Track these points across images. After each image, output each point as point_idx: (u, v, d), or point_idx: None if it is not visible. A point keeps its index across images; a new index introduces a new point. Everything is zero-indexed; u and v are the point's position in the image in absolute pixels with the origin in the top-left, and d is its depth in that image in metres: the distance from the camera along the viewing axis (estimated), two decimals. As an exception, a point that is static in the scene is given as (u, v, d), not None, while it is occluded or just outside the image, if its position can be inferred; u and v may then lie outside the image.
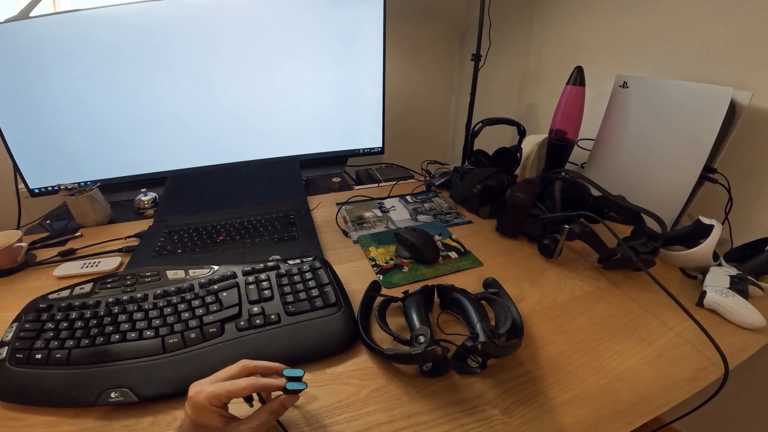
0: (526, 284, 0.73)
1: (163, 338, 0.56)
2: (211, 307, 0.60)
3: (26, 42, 0.98)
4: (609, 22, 1.11)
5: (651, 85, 0.89)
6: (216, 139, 1.20)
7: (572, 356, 0.57)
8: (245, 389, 0.40)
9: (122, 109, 1.10)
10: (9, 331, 0.59)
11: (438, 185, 1.16)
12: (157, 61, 1.07)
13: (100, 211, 1.00)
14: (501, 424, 0.48)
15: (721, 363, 0.54)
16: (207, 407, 0.39)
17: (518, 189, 0.83)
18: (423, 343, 0.50)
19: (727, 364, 0.54)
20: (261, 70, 1.16)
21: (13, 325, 0.60)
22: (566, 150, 1.04)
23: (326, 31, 1.16)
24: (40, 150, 1.08)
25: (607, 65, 1.12)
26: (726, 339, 0.59)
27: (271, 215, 0.96)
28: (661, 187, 0.88)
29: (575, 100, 0.98)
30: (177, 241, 0.86)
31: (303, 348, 0.57)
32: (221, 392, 0.39)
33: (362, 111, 1.30)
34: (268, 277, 0.66)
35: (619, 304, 0.68)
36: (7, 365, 0.54)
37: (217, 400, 0.39)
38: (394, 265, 0.79)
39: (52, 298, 0.64)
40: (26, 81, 1.01)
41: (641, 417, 0.49)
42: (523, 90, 1.51)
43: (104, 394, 0.50)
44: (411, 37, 1.68)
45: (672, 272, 0.76)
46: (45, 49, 0.99)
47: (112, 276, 0.67)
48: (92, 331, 0.57)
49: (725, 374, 0.53)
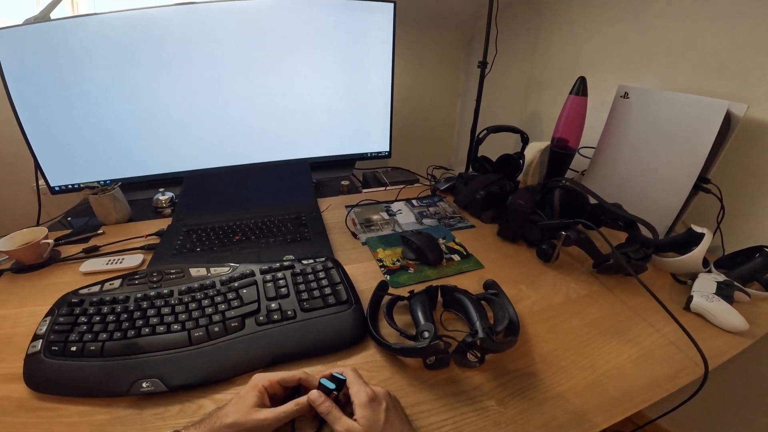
0: (524, 286, 0.77)
1: (189, 332, 0.60)
2: (232, 303, 0.64)
3: (47, 44, 1.01)
4: (613, 33, 1.15)
5: (651, 96, 0.91)
6: (230, 141, 1.24)
7: (564, 354, 0.62)
8: (293, 377, 0.49)
9: (140, 111, 1.13)
10: (42, 325, 0.62)
11: (443, 190, 1.20)
12: (174, 65, 1.11)
13: (121, 209, 1.04)
14: (496, 414, 0.52)
15: (702, 363, 0.58)
16: (257, 385, 0.46)
17: (519, 196, 0.87)
18: (427, 338, 0.54)
19: (707, 364, 0.58)
20: (274, 75, 1.19)
21: (47, 319, 0.63)
22: (567, 158, 1.07)
23: (337, 37, 1.20)
24: (61, 149, 1.12)
25: (609, 75, 1.15)
26: (709, 341, 0.63)
27: (284, 216, 1.00)
28: (657, 195, 0.91)
29: (577, 110, 1.01)
30: (196, 240, 0.90)
31: (316, 342, 0.61)
32: (275, 378, 0.47)
33: (371, 115, 1.34)
34: (284, 276, 0.70)
35: (611, 306, 0.72)
36: (42, 357, 0.57)
37: (269, 382, 0.47)
38: (401, 266, 0.83)
39: (83, 293, 0.67)
40: (47, 82, 1.04)
41: (624, 411, 0.53)
42: (528, 97, 1.54)
43: (136, 384, 0.53)
44: (419, 44, 1.72)
45: (663, 278, 0.80)
46: (65, 51, 1.02)
47: (139, 272, 0.71)
48: (123, 325, 0.60)
49: (705, 373, 0.57)
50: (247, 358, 0.58)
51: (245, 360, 0.58)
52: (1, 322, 0.69)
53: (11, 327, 0.68)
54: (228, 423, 0.42)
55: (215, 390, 0.55)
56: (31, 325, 0.63)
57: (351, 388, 0.47)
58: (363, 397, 0.45)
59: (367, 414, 0.44)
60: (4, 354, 0.62)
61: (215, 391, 0.55)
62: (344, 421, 0.44)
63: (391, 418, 0.45)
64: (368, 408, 0.44)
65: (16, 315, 0.71)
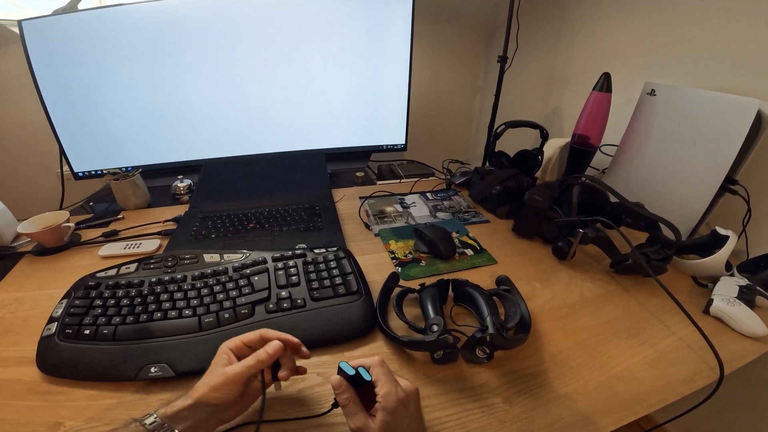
0: (538, 284, 0.76)
1: (200, 317, 0.60)
2: (243, 290, 0.65)
3: (74, 34, 1.03)
4: (639, 29, 1.11)
5: (679, 94, 0.88)
6: (248, 131, 1.25)
7: (575, 353, 0.60)
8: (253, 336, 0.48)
9: (160, 100, 1.15)
10: (59, 307, 0.63)
11: (458, 184, 1.19)
12: (194, 55, 1.12)
13: (141, 195, 1.07)
14: (501, 412, 0.51)
15: (718, 368, 0.56)
16: (224, 350, 0.47)
17: (536, 192, 0.85)
18: (436, 331, 0.54)
19: (723, 368, 0.56)
20: (291, 66, 1.20)
21: (63, 302, 0.64)
22: (588, 155, 1.05)
23: (355, 28, 1.19)
24: (84, 136, 1.14)
25: (634, 72, 1.12)
26: (726, 345, 0.61)
27: (298, 205, 1.01)
28: (681, 195, 0.88)
29: (600, 106, 0.99)
30: (211, 227, 0.91)
31: (325, 332, 0.61)
32: (237, 340, 0.48)
33: (387, 108, 1.33)
34: (296, 264, 0.70)
35: (626, 307, 0.70)
36: (56, 340, 0.57)
37: (233, 344, 0.47)
38: (413, 258, 0.82)
39: (100, 276, 0.69)
40: (73, 71, 1.06)
41: (633, 414, 0.51)
42: (548, 93, 1.51)
43: (145, 368, 0.54)
44: (438, 37, 1.70)
45: (684, 280, 0.78)
46: (91, 41, 1.05)
47: (154, 257, 0.72)
48: (136, 309, 0.61)
49: (720, 378, 0.55)
50: (255, 346, 0.58)
51: (253, 348, 0.58)
52: (19, 304, 0.70)
53: (28, 309, 0.69)
54: (200, 384, 0.43)
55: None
56: (48, 307, 0.64)
57: (381, 387, 0.42)
58: (392, 402, 0.41)
59: (390, 419, 0.41)
60: (19, 337, 0.63)
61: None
62: (359, 418, 0.42)
63: (413, 425, 0.43)
64: (393, 414, 0.41)
65: (35, 297, 0.72)
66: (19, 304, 0.70)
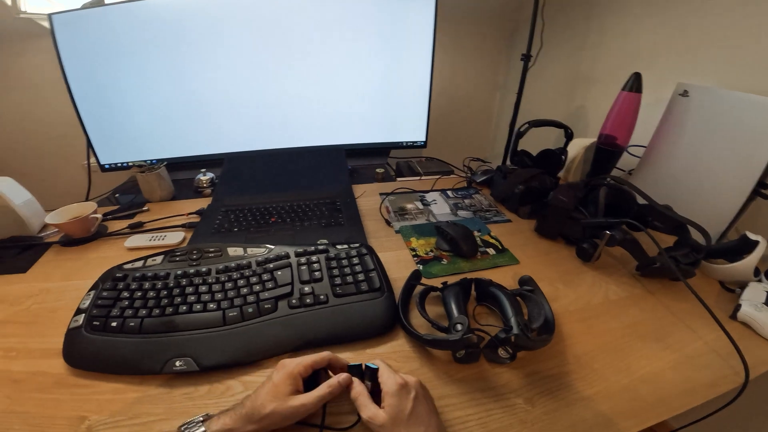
0: (561, 285, 0.75)
1: (224, 311, 0.60)
2: (267, 285, 0.65)
3: (102, 28, 1.05)
4: (672, 28, 1.08)
5: (714, 95, 0.86)
6: (269, 125, 1.26)
7: (598, 356, 0.59)
8: (324, 358, 0.49)
9: (185, 94, 1.17)
10: (86, 299, 0.63)
11: (479, 182, 1.18)
12: (218, 50, 1.14)
13: (166, 188, 1.09)
14: (523, 412, 0.51)
15: (743, 373, 0.55)
16: (294, 374, 0.46)
17: (561, 192, 0.84)
18: (460, 331, 0.54)
19: (748, 372, 0.55)
20: (313, 61, 1.20)
21: (90, 293, 0.64)
22: (615, 156, 1.03)
23: (378, 24, 1.19)
24: (111, 129, 1.17)
25: (665, 72, 1.09)
26: (753, 351, 0.59)
27: (319, 201, 1.01)
28: (711, 199, 0.86)
29: (630, 107, 0.96)
30: (234, 220, 0.92)
31: (347, 328, 0.61)
32: (306, 362, 0.47)
33: (408, 104, 1.33)
34: (319, 260, 0.70)
35: (652, 311, 0.69)
36: (83, 332, 0.58)
37: (302, 368, 0.47)
38: (434, 256, 0.82)
39: (127, 268, 0.69)
40: (101, 65, 1.09)
41: (657, 416, 0.51)
42: (572, 92, 1.49)
43: (170, 362, 0.54)
44: (460, 34, 1.69)
45: (711, 285, 0.76)
46: (118, 35, 1.07)
47: (180, 250, 0.73)
48: (162, 302, 0.62)
49: (744, 382, 0.54)
50: (278, 342, 0.58)
51: (275, 343, 0.58)
52: (46, 295, 0.72)
53: (55, 300, 0.70)
54: (266, 413, 0.43)
55: (244, 372, 0.55)
56: (75, 299, 0.65)
57: (381, 376, 0.47)
58: (392, 385, 0.45)
59: (394, 402, 0.44)
60: (45, 328, 0.63)
61: (244, 372, 0.55)
62: (369, 408, 0.45)
63: (418, 408, 0.44)
64: (396, 396, 0.44)
65: (61, 288, 0.73)
66: (46, 295, 0.71)
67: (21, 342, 0.61)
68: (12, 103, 1.42)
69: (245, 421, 0.43)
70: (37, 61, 1.35)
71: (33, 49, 1.33)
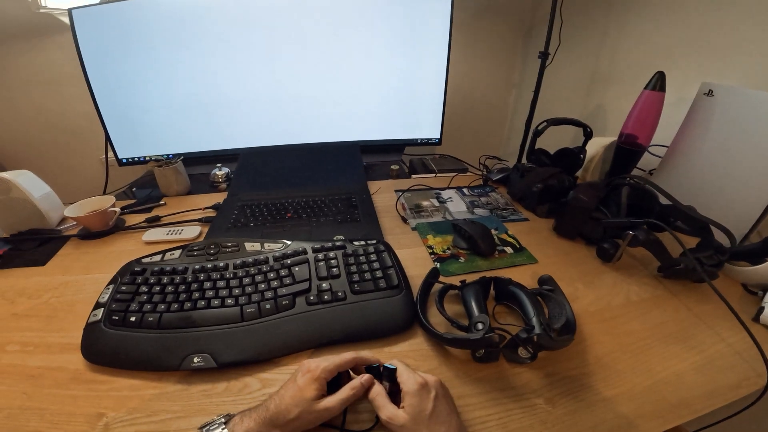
0: (581, 285, 0.73)
1: (242, 307, 0.60)
2: (285, 281, 0.64)
3: (121, 23, 1.06)
4: (696, 27, 1.06)
5: (739, 95, 0.83)
6: (285, 121, 1.26)
7: (620, 357, 0.58)
8: (350, 361, 0.48)
9: (202, 89, 1.18)
10: (105, 293, 0.63)
11: (495, 180, 1.17)
12: (236, 46, 1.14)
13: (182, 182, 1.09)
14: (544, 413, 0.50)
15: (765, 375, 0.54)
16: (318, 377, 0.45)
17: (581, 191, 0.82)
18: (481, 330, 0.53)
19: (771, 376, 0.54)
20: (329, 58, 1.20)
21: (109, 287, 0.64)
22: (636, 155, 1.00)
23: (393, 21, 1.18)
24: (129, 124, 1.18)
25: (689, 71, 1.07)
26: None
27: (335, 197, 1.01)
28: (734, 200, 0.84)
29: (652, 106, 0.94)
30: (250, 215, 0.92)
31: (365, 325, 0.60)
32: (331, 365, 0.46)
33: (423, 101, 1.32)
34: (336, 256, 0.70)
35: (675, 312, 0.68)
36: (103, 327, 0.57)
37: (327, 372, 0.46)
38: (451, 254, 0.81)
39: (145, 261, 0.69)
40: (120, 60, 1.10)
41: (679, 418, 0.50)
42: (590, 91, 1.47)
43: (188, 359, 0.53)
44: (475, 31, 1.67)
45: (733, 287, 0.74)
46: (137, 29, 1.07)
47: (197, 244, 0.73)
48: (181, 297, 0.61)
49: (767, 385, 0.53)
50: (296, 339, 0.58)
51: (293, 340, 0.57)
52: (65, 288, 0.72)
53: (74, 294, 0.70)
54: (291, 418, 0.42)
55: (261, 369, 0.55)
56: (94, 292, 0.65)
57: (401, 376, 0.46)
58: (412, 384, 0.44)
59: (414, 402, 0.43)
60: (64, 323, 0.63)
61: (261, 370, 0.55)
62: (388, 408, 0.44)
63: (438, 408, 0.43)
64: (416, 396, 0.43)
65: (80, 282, 0.73)
66: (65, 289, 0.72)
67: (39, 336, 0.61)
68: (31, 97, 1.44)
69: (269, 425, 0.42)
70: (56, 56, 1.36)
71: (52, 44, 1.35)
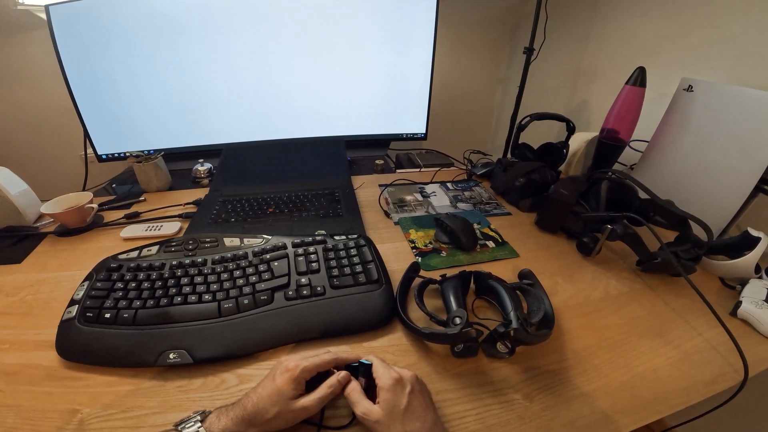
0: (561, 279, 0.74)
1: (220, 303, 0.59)
2: (263, 276, 0.64)
3: (99, 18, 1.04)
4: (677, 23, 1.07)
5: (718, 91, 0.84)
6: (268, 116, 1.25)
7: (598, 351, 0.59)
8: (329, 362, 0.48)
9: (183, 85, 1.16)
10: (80, 290, 0.62)
11: (479, 175, 1.17)
12: (216, 41, 1.12)
13: (163, 178, 1.07)
14: (521, 408, 0.50)
15: (742, 371, 0.55)
16: (299, 379, 0.45)
17: (562, 185, 0.83)
18: (459, 324, 0.53)
19: (747, 370, 0.55)
20: (313, 53, 1.19)
21: (84, 284, 0.63)
22: (617, 150, 1.01)
23: (379, 15, 1.18)
24: (108, 119, 1.15)
25: (670, 67, 1.08)
26: (752, 348, 0.59)
27: (318, 191, 1.00)
28: (713, 195, 0.85)
29: (633, 101, 0.95)
30: (231, 211, 0.91)
31: (344, 320, 0.60)
32: (310, 365, 0.46)
33: (409, 96, 1.32)
34: (316, 251, 0.69)
35: (652, 306, 0.68)
36: (77, 324, 0.56)
37: (307, 372, 0.45)
38: (433, 249, 0.81)
39: (122, 258, 0.68)
40: (98, 55, 1.07)
41: (656, 413, 0.50)
42: (574, 86, 1.47)
43: (163, 355, 0.53)
44: (460, 26, 1.67)
45: (711, 281, 0.75)
46: (116, 25, 1.05)
47: (176, 240, 0.72)
48: (157, 293, 0.61)
49: (744, 380, 0.54)
50: (274, 334, 0.57)
51: (271, 335, 0.57)
52: (41, 285, 0.71)
53: (50, 291, 0.69)
54: (269, 418, 0.42)
55: (239, 364, 0.55)
56: (70, 289, 0.64)
57: (376, 371, 0.47)
58: (387, 380, 0.45)
59: (389, 397, 0.43)
60: (39, 319, 0.62)
61: (239, 365, 0.55)
62: (363, 404, 0.44)
63: (414, 403, 0.43)
64: (391, 391, 0.44)
65: (56, 279, 0.72)
66: (41, 286, 0.71)
67: (14, 334, 0.60)
68: (9, 93, 1.41)
69: (247, 424, 0.42)
70: (33, 53, 1.33)
71: (30, 40, 1.32)
